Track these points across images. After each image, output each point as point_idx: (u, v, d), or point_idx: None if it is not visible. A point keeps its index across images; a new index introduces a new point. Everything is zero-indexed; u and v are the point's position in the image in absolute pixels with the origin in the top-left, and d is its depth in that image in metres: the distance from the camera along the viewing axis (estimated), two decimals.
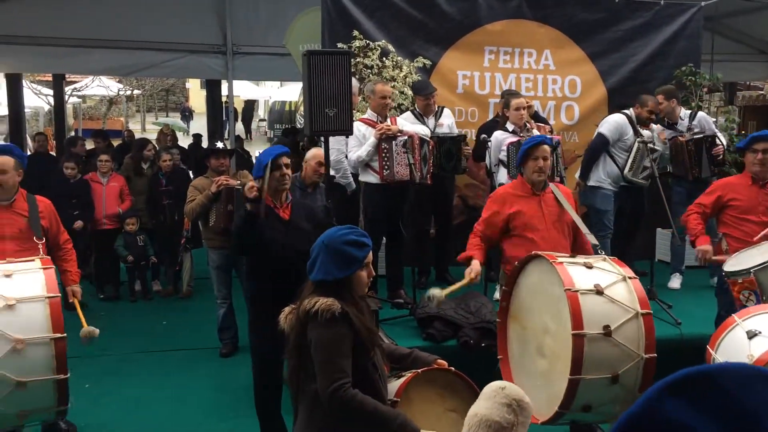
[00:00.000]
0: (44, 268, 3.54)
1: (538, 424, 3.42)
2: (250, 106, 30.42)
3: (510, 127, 5.77)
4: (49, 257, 3.85)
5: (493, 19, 6.75)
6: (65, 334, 3.36)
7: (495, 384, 2.14)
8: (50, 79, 15.91)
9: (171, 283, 7.73)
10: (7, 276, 3.40)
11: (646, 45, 7.09)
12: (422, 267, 6.10)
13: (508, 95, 6.03)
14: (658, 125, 6.39)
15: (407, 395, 2.74)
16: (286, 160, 3.98)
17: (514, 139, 5.50)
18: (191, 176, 7.68)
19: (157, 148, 8.56)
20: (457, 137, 6.03)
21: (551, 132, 6.18)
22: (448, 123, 6.22)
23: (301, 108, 24.47)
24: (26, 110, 15.06)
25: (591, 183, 6.29)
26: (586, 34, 6.97)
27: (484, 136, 5.80)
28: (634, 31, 7.06)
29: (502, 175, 5.58)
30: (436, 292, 3.89)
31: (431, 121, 6.06)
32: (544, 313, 3.55)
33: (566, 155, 6.50)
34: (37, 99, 19.58)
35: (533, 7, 6.82)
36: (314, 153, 5.33)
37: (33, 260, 3.67)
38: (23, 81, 13.81)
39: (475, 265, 4.13)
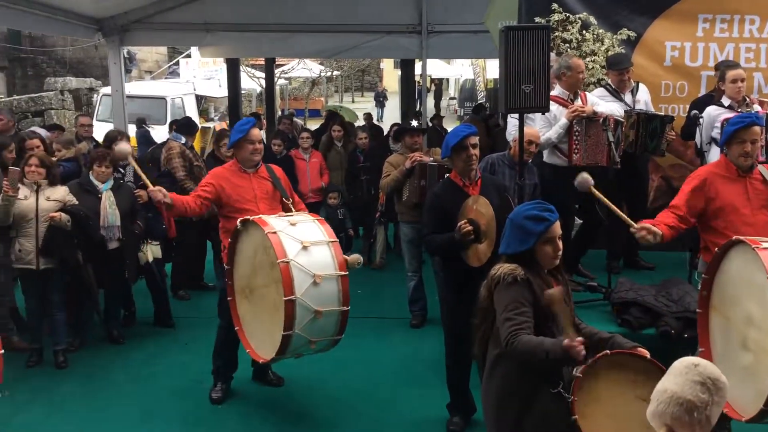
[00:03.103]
0: (318, 219, 4.21)
1: (742, 421, 3.24)
2: (440, 85, 30.77)
3: (726, 101, 5.25)
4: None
5: None
6: (347, 273, 3.95)
7: (687, 360, 1.99)
8: (263, 62, 17.37)
9: (365, 255, 8.15)
10: (293, 225, 4.01)
11: None
12: (613, 251, 5.78)
13: (724, 67, 5.47)
14: None
15: (593, 372, 2.69)
16: (473, 140, 4.01)
17: (730, 114, 4.98)
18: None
19: (347, 129, 8.98)
20: (667, 117, 5.60)
21: None
22: (645, 99, 5.79)
23: (480, 83, 24.22)
24: (242, 92, 16.59)
25: None
26: None
27: (695, 112, 5.33)
28: None
29: (714, 154, 5.09)
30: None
31: (628, 96, 5.69)
32: (748, 303, 3.28)
33: None
34: (250, 81, 21.48)
35: None
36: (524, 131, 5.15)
37: (304, 213, 4.33)
38: (240, 65, 15.22)
39: (653, 229, 3.81)
